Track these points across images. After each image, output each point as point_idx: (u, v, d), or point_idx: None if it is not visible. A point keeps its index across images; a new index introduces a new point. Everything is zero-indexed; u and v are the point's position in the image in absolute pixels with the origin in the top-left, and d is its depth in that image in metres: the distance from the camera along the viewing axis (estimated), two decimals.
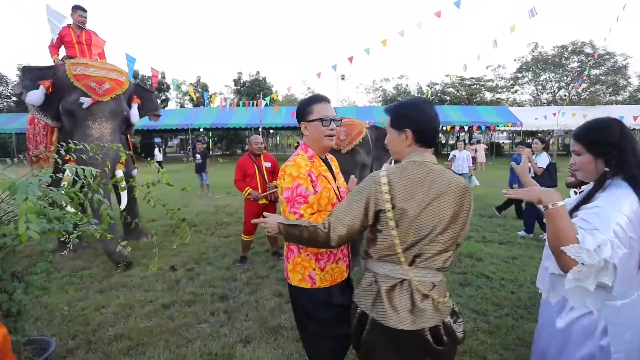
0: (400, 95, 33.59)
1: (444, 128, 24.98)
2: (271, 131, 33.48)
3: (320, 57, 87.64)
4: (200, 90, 31.41)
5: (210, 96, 10.07)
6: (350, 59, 7.77)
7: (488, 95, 34.37)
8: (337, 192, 1.60)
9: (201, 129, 25.62)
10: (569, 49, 32.93)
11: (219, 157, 26.05)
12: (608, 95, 33.91)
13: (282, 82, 69.25)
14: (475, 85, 33.58)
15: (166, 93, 35.09)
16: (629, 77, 33.58)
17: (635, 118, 16.96)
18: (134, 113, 4.60)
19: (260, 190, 4.15)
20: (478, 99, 32.80)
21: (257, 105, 12.33)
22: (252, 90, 34.17)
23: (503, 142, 36.25)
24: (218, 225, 5.94)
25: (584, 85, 31.07)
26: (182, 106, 35.95)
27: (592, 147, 1.31)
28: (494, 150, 25.21)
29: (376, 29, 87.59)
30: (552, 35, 54.50)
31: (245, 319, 2.85)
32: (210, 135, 31.52)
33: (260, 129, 15.55)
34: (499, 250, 4.56)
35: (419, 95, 31.34)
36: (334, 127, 1.55)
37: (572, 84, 32.18)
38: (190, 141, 27.05)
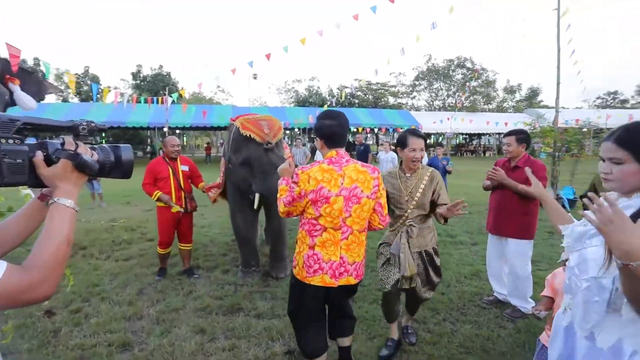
0: (312, 97, 34.21)
1: (354, 129, 26.27)
2: (178, 131, 30.76)
3: (233, 53, 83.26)
4: (89, 82, 27.05)
5: (101, 90, 8.50)
6: (268, 56, 7.36)
7: (391, 100, 37.47)
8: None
9: None
10: (455, 63, 38.13)
11: None
12: (482, 103, 40.28)
13: (190, 78, 64.35)
14: (380, 90, 36.31)
15: None
16: (497, 90, 40.72)
17: (506, 124, 20.25)
18: (21, 96, 3.39)
19: (173, 197, 3.61)
20: (383, 102, 35.49)
21: (162, 102, 10.96)
22: (154, 86, 30.95)
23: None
24: (115, 245, 4.92)
25: (465, 95, 36.25)
26: (65, 101, 30.51)
27: None
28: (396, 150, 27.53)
29: (293, 29, 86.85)
30: (444, 48, 62.27)
31: None
32: (104, 135, 27.48)
33: (166, 129, 13.95)
34: None
35: (330, 97, 32.40)
36: None
37: (458, 93, 37.28)
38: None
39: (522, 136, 2.90)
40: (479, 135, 32.69)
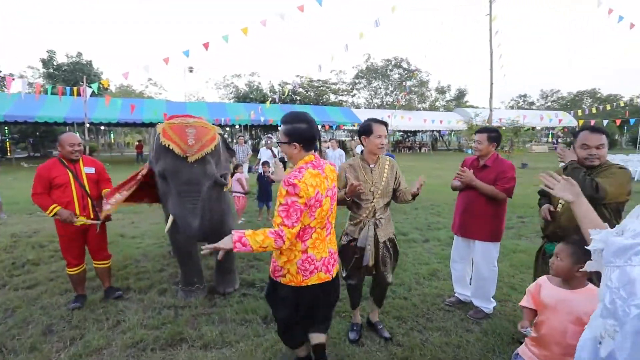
0: (252, 93, 33.12)
1: None
2: (102, 128, 27.64)
3: (167, 42, 76.18)
4: None
5: None
6: (206, 46, 6.68)
7: (332, 97, 37.85)
8: None
9: None
10: (393, 63, 39.80)
11: (22, 161, 19.65)
12: (417, 102, 42.72)
13: (115, 69, 58.13)
14: (322, 87, 36.44)
15: None
16: (430, 90, 43.52)
17: (441, 122, 21.60)
18: None
19: (77, 207, 2.93)
20: (324, 99, 35.67)
21: (77, 94, 9.47)
22: (71, 76, 27.41)
23: (345, 140, 41.06)
24: (16, 269, 3.98)
25: (406, 93, 38.12)
26: None
27: None
28: (341, 146, 28.07)
29: (234, 20, 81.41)
30: (384, 48, 64.35)
31: None
32: (7, 131, 23.55)
33: (86, 125, 12.22)
34: None
35: (272, 93, 31.68)
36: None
37: (397, 92, 39.04)
38: None
39: (493, 134, 2.83)
40: (415, 133, 34.58)
